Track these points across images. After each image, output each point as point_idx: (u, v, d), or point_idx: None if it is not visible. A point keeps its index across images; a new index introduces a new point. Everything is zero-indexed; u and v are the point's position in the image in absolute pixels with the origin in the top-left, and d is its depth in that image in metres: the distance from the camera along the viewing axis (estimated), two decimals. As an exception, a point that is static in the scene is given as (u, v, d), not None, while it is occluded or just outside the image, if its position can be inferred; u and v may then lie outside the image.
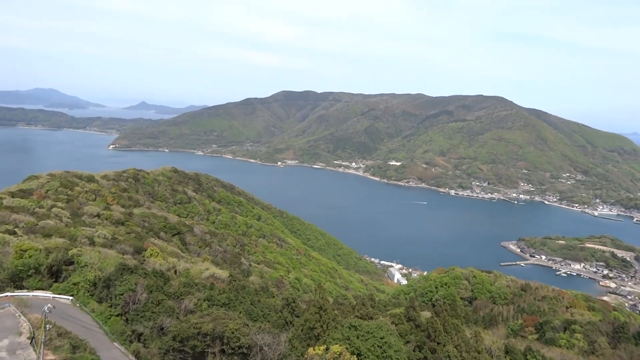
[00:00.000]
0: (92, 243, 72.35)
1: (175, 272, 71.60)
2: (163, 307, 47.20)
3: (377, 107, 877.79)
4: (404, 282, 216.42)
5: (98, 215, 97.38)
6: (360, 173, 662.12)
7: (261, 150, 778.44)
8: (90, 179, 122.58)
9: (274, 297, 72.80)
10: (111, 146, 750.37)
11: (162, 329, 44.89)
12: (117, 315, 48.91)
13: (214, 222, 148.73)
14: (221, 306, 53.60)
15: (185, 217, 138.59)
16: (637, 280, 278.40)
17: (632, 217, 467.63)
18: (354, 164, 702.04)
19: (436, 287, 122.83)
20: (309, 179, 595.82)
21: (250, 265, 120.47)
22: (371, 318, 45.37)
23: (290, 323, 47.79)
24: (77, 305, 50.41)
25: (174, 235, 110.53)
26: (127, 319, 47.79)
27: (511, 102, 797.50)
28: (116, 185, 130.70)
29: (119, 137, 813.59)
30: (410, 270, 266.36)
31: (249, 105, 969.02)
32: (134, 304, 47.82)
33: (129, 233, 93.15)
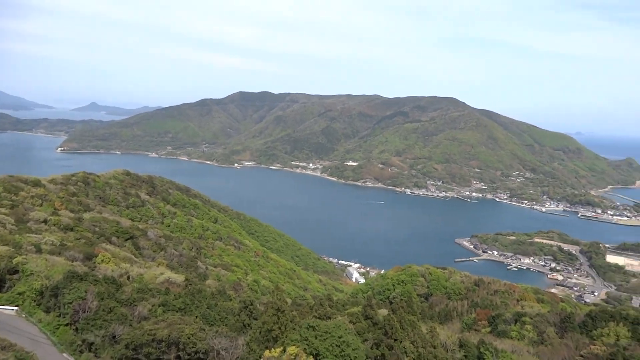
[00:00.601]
0: (39, 250, 69.20)
1: (129, 277, 69.54)
2: (115, 314, 45.70)
3: (334, 108, 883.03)
4: (362, 281, 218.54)
5: (45, 221, 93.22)
6: (318, 174, 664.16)
7: (217, 151, 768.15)
8: (37, 184, 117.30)
9: (231, 300, 71.83)
10: (59, 149, 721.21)
11: (114, 337, 43.45)
12: (66, 325, 46.98)
13: (169, 226, 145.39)
14: (177, 311, 52.43)
15: (139, 221, 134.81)
16: (582, 272, 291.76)
17: (577, 213, 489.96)
18: (311, 164, 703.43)
19: (393, 285, 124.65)
20: (266, 180, 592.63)
21: (207, 268, 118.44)
22: (329, 318, 45.50)
23: (248, 326, 47.31)
24: (23, 315, 48.12)
25: (126, 240, 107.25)
26: (77, 329, 45.98)
27: (464, 103, 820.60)
28: (64, 189, 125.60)
29: (68, 140, 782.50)
30: (368, 269, 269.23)
31: (205, 106, 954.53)
32: (84, 312, 46.07)
33: (79, 239, 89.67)
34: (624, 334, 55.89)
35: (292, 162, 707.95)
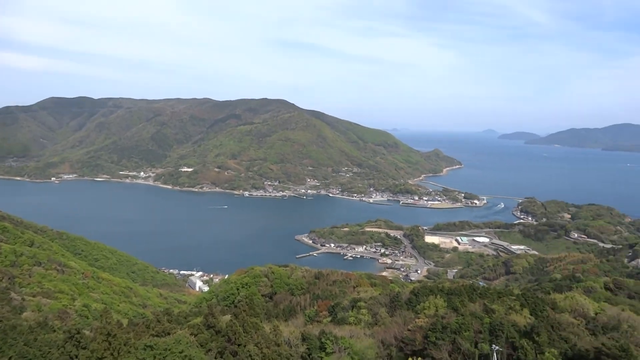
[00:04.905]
0: None
1: None
2: None
3: (164, 113, 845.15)
4: (206, 288, 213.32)
5: None
6: (151, 182, 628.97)
7: (29, 165, 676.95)
8: None
9: (55, 331, 63.97)
10: None
11: None
12: None
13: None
14: (-17, 355, 44.86)
15: None
16: (407, 254, 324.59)
17: (399, 201, 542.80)
18: (142, 173, 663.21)
19: (237, 289, 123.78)
20: (92, 194, 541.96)
21: (23, 299, 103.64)
22: (168, 333, 43.17)
23: (76, 357, 42.51)
24: None
25: None
26: None
27: (293, 104, 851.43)
28: None
29: None
30: (212, 275, 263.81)
31: (9, 114, 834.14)
32: None
33: None
34: (441, 305, 63.41)
35: (121, 172, 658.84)
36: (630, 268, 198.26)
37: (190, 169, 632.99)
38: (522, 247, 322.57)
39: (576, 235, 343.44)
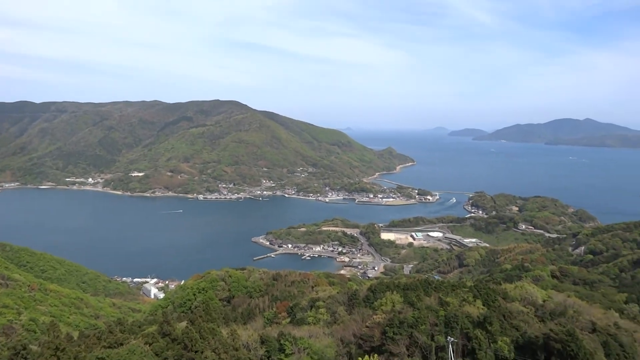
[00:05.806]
0: None
1: None
2: None
3: (111, 117, 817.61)
4: (162, 296, 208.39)
5: None
6: (100, 188, 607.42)
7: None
8: None
9: (-1, 349, 60.67)
10: None
11: None
12: None
13: None
14: None
15: None
16: (364, 251, 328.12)
17: (355, 199, 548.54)
18: (90, 179, 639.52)
19: (194, 294, 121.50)
20: (36, 202, 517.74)
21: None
22: (122, 344, 41.72)
23: (22, 375, 40.41)
24: None
25: None
26: None
27: (246, 105, 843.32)
28: None
29: None
30: (167, 282, 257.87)
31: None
32: None
33: None
34: (397, 300, 64.40)
35: (67, 179, 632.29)
36: (574, 256, 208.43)
37: (141, 174, 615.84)
38: (474, 240, 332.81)
39: (524, 227, 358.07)
